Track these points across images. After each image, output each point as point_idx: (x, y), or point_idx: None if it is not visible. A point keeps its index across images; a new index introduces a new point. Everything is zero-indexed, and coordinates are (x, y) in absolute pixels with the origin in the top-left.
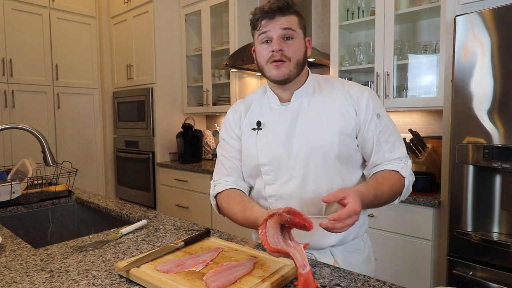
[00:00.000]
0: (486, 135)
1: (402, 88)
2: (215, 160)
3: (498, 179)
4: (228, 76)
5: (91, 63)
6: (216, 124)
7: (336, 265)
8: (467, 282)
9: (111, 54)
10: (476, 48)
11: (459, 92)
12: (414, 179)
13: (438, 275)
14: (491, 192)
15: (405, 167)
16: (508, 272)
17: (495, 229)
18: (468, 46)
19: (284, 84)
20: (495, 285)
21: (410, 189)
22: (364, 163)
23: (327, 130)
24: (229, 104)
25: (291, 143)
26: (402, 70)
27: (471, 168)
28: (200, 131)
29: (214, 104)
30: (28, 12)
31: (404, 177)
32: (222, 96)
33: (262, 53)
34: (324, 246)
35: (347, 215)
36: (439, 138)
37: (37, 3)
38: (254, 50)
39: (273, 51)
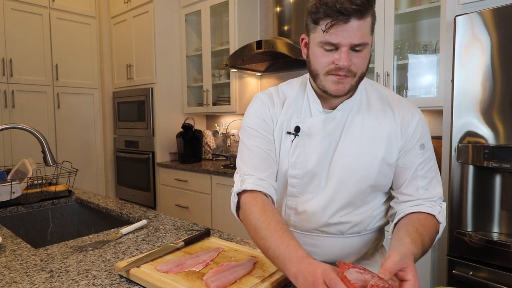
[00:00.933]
0: (486, 135)
1: (402, 88)
2: (215, 160)
3: (498, 179)
4: (228, 76)
5: (91, 63)
6: (216, 124)
7: None
8: (467, 282)
9: (111, 54)
10: (476, 48)
11: (459, 92)
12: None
13: (438, 275)
14: (491, 192)
15: (442, 213)
16: (508, 272)
17: (495, 229)
18: (468, 46)
19: (338, 97)
20: (495, 285)
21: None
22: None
23: (369, 157)
24: (229, 104)
25: (329, 161)
26: (402, 70)
27: (471, 168)
28: (200, 131)
29: (214, 104)
30: (28, 12)
31: (439, 223)
32: (222, 96)
33: (322, 60)
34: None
35: None
36: (439, 138)
37: (37, 3)
38: (303, 41)
39: (337, 64)
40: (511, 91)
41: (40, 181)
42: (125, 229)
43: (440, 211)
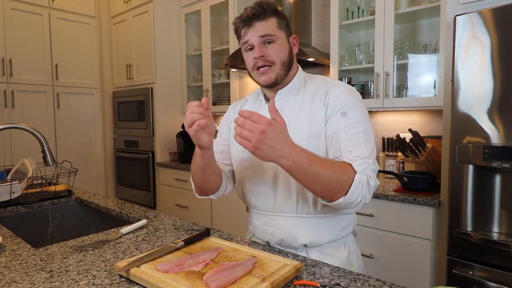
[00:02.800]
0: (486, 135)
1: (402, 88)
2: None
3: (498, 179)
4: (228, 76)
5: (91, 63)
6: (216, 124)
7: None
8: (467, 281)
9: (111, 54)
10: (476, 48)
11: (459, 92)
12: (374, 185)
13: (438, 275)
14: (491, 192)
15: (360, 163)
16: (508, 272)
17: (495, 228)
18: (468, 46)
19: (273, 86)
20: (494, 284)
21: (364, 193)
22: None
23: (298, 133)
24: (229, 104)
25: None
26: (402, 70)
27: (471, 168)
28: None
29: (214, 104)
30: (28, 12)
31: (355, 172)
32: (222, 96)
33: (248, 60)
34: (296, 244)
35: (250, 114)
36: (439, 138)
37: (37, 3)
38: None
39: (255, 58)
40: (511, 91)
41: (40, 181)
42: (125, 229)
43: (357, 160)
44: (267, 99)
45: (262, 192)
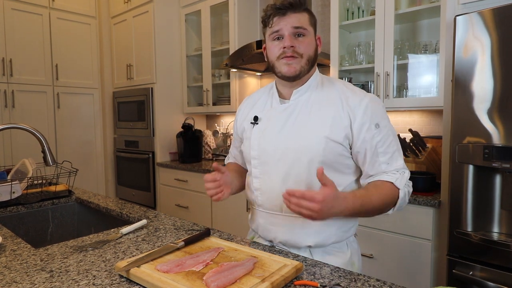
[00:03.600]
0: (486, 135)
1: (402, 88)
2: (215, 160)
3: (498, 179)
4: (228, 76)
5: (91, 63)
6: (216, 124)
7: None
8: (467, 282)
9: (111, 54)
10: (476, 48)
11: (459, 92)
12: (411, 190)
13: (438, 275)
14: (491, 192)
15: (401, 178)
16: (508, 272)
17: (495, 229)
18: (468, 46)
19: (293, 80)
20: (495, 285)
21: (406, 200)
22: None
23: (314, 134)
24: (229, 104)
25: (280, 140)
26: (402, 70)
27: (471, 168)
28: (200, 131)
29: (214, 104)
30: (28, 12)
31: (398, 189)
32: (222, 96)
33: (274, 49)
34: (301, 245)
35: (301, 194)
36: (439, 138)
37: (37, 3)
38: (264, 48)
39: (284, 47)
40: (511, 91)
41: (40, 181)
42: (125, 229)
43: (398, 177)
44: (280, 96)
45: (270, 190)
